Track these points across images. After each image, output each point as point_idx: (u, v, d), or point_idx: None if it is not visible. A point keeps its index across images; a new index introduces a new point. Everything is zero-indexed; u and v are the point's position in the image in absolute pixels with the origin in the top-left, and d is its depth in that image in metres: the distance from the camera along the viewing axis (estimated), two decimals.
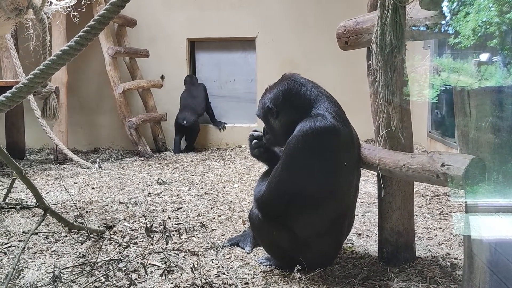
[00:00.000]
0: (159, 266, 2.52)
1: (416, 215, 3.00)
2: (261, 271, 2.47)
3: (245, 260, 2.63)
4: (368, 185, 4.24)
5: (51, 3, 4.32)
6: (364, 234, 3.01)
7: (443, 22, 1.89)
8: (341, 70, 6.36)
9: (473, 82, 1.76)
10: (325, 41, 6.16)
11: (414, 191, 2.57)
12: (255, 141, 2.60)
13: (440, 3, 1.84)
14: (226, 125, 6.81)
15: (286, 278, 2.37)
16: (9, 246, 2.86)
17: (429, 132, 5.42)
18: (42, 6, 3.48)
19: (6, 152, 2.59)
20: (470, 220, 1.89)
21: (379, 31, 2.07)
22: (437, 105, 5.20)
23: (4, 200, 3.16)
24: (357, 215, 3.15)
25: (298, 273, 2.25)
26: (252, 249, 2.77)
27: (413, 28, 2.07)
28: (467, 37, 1.69)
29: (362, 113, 3.81)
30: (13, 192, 4.00)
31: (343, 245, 2.68)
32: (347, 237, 2.74)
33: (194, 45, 6.98)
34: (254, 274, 2.44)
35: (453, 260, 2.55)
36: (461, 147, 1.87)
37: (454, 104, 1.87)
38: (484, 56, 1.74)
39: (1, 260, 2.65)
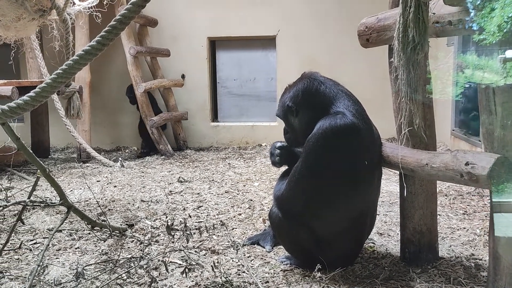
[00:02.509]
0: (180, 264, 2.54)
1: (439, 214, 2.95)
2: (282, 270, 2.46)
3: (265, 259, 2.62)
4: (390, 184, 4.19)
5: (73, 3, 4.39)
6: (385, 234, 2.98)
7: (467, 18, 1.85)
8: (363, 68, 6.29)
9: (499, 79, 1.72)
10: (346, 39, 6.11)
11: (437, 190, 2.53)
12: (277, 151, 2.56)
13: None
14: None
15: (307, 278, 2.36)
16: (34, 243, 2.92)
17: (453, 130, 5.32)
18: (65, 7, 3.54)
19: (31, 151, 2.64)
20: (496, 220, 1.85)
21: (401, 28, 2.04)
22: (461, 103, 5.10)
23: (29, 198, 3.22)
24: (378, 215, 3.12)
25: (319, 273, 2.24)
26: (272, 248, 2.76)
27: (436, 24, 2.03)
28: (492, 33, 1.65)
29: (384, 111, 3.77)
30: (38, 190, 4.09)
31: (365, 244, 2.65)
32: (369, 237, 2.71)
33: (214, 44, 7.00)
34: (274, 273, 2.44)
35: (478, 261, 2.50)
36: (486, 146, 1.84)
37: (479, 102, 1.84)
38: (510, 53, 1.70)
39: (27, 256, 2.71)
